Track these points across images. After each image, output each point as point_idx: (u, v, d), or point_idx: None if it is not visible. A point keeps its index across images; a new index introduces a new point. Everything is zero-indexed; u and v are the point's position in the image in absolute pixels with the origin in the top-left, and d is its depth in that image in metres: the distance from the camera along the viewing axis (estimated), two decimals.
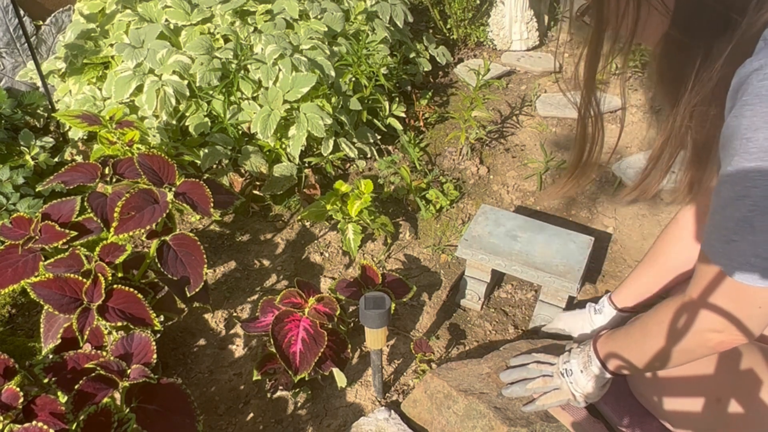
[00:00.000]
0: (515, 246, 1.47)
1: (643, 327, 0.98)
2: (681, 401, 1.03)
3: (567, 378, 1.12)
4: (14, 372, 1.00)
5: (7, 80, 2.14)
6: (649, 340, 0.95)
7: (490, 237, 1.50)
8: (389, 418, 1.28)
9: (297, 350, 1.22)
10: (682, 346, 0.89)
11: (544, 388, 1.15)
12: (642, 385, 1.12)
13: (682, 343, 0.89)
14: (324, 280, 1.71)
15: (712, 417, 1.00)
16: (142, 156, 1.27)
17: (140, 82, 1.83)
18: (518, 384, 1.19)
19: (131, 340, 1.10)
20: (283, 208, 1.93)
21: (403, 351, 1.50)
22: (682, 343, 0.89)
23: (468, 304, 1.60)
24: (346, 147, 2.00)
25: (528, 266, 1.42)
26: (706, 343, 0.85)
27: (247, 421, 1.35)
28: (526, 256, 1.44)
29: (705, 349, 0.87)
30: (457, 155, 2.12)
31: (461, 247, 1.49)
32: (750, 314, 0.80)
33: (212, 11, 2.00)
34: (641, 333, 0.99)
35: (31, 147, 1.84)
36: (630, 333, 1.02)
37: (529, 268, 1.41)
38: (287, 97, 1.84)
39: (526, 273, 1.42)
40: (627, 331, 1.04)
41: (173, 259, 1.22)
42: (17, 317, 1.58)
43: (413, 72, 2.41)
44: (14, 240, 1.22)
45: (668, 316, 0.91)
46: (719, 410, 0.98)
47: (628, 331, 1.03)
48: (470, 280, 1.55)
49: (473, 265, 1.52)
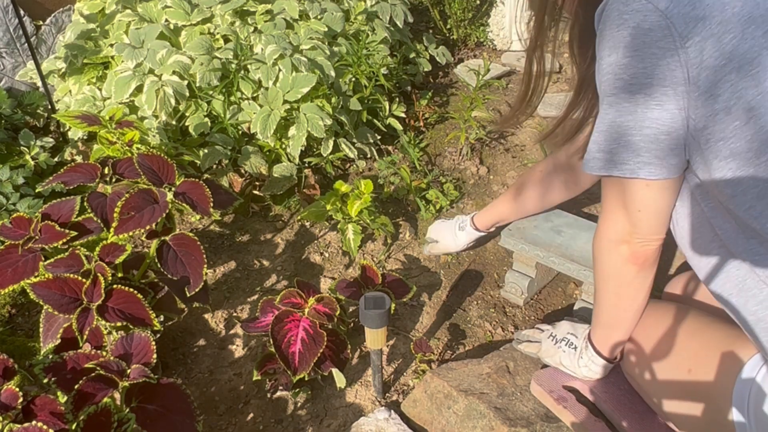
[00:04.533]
0: (557, 239, 1.48)
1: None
2: (682, 404, 1.03)
3: (558, 345, 1.22)
4: (14, 372, 1.00)
5: (7, 80, 2.14)
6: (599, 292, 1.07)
7: (535, 230, 1.53)
8: (389, 418, 1.28)
9: (296, 350, 1.22)
10: (608, 271, 1.02)
11: (532, 337, 1.31)
12: (645, 386, 1.12)
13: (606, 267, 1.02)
14: (324, 280, 1.71)
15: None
16: (141, 156, 1.27)
17: (140, 82, 1.83)
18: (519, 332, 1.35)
19: (131, 340, 1.10)
20: (283, 209, 1.93)
21: (403, 351, 1.49)
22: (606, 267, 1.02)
23: (510, 297, 1.61)
24: (346, 147, 2.00)
25: (566, 258, 1.42)
26: (621, 256, 0.97)
27: (247, 421, 1.35)
28: (565, 249, 1.45)
29: (622, 263, 0.98)
30: (457, 155, 2.12)
31: (504, 236, 1.53)
32: (635, 218, 0.93)
33: (212, 11, 2.00)
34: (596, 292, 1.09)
35: (31, 147, 1.84)
36: None
37: (567, 260, 1.42)
38: (287, 97, 1.84)
39: (563, 265, 1.43)
40: None
41: (173, 259, 1.22)
42: (17, 317, 1.58)
43: (413, 72, 2.41)
44: (14, 240, 1.22)
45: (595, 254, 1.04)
46: None
47: None
48: (514, 274, 1.57)
49: (519, 258, 1.54)
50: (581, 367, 1.17)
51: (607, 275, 1.03)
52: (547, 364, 1.26)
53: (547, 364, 1.26)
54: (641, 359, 1.08)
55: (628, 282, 1.01)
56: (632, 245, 0.96)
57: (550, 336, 1.25)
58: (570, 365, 1.19)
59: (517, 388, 1.25)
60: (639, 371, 1.09)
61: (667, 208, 0.94)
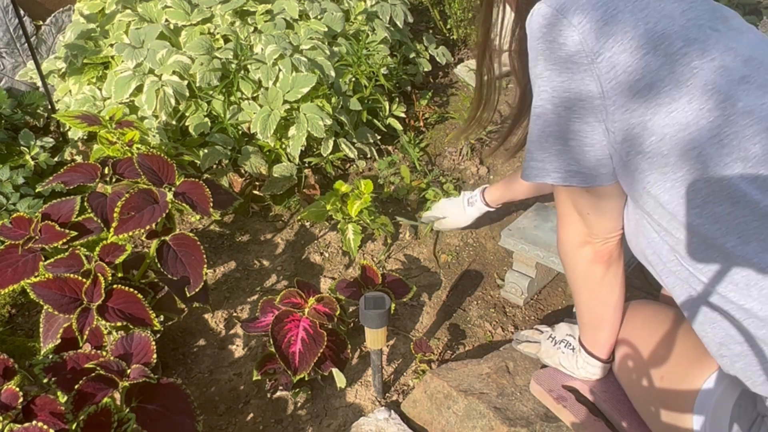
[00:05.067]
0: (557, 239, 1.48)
1: None
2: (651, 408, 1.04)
3: (558, 346, 1.22)
4: (14, 372, 1.00)
5: (7, 80, 2.14)
6: (575, 295, 1.09)
7: (535, 230, 1.53)
8: (389, 418, 1.28)
9: (296, 350, 1.22)
10: (577, 273, 1.03)
11: (531, 337, 1.30)
12: (627, 387, 1.13)
13: (574, 270, 1.03)
14: (324, 280, 1.71)
15: None
16: (141, 156, 1.27)
17: (140, 82, 1.83)
18: (519, 332, 1.35)
19: (131, 340, 1.10)
20: (283, 209, 1.93)
21: (403, 351, 1.49)
22: (574, 271, 1.04)
23: (510, 297, 1.61)
24: (346, 147, 2.00)
25: None
26: (585, 258, 0.99)
27: (247, 421, 1.35)
28: None
29: (588, 264, 1.00)
30: (457, 155, 2.12)
31: (503, 237, 1.53)
32: (587, 220, 0.95)
33: (212, 11, 2.00)
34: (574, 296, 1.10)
35: (31, 147, 1.84)
36: None
37: None
38: (287, 97, 1.84)
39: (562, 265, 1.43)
40: None
41: (173, 259, 1.22)
42: (17, 317, 1.58)
43: (413, 72, 2.41)
44: (14, 240, 1.22)
45: (563, 258, 1.05)
46: None
47: None
48: (514, 274, 1.57)
49: (519, 258, 1.55)
50: (579, 369, 1.17)
51: (577, 278, 1.04)
52: (547, 365, 1.26)
53: (546, 364, 1.26)
54: (624, 360, 1.09)
55: (598, 281, 1.02)
56: (593, 245, 0.98)
57: (549, 337, 1.25)
58: (569, 366, 1.19)
59: (516, 388, 1.25)
60: (622, 372, 1.11)
61: (614, 210, 0.94)
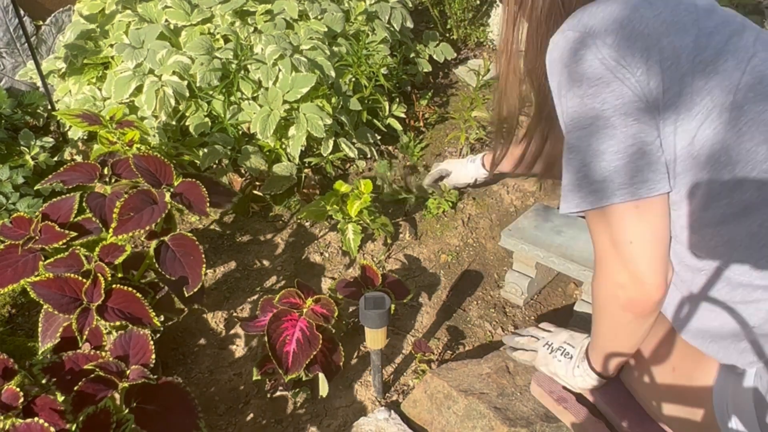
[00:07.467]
0: (557, 239, 1.48)
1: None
2: (679, 408, 1.03)
3: (554, 354, 1.17)
4: (14, 372, 1.00)
5: (7, 80, 2.14)
6: (595, 325, 1.01)
7: (535, 230, 1.52)
8: (389, 418, 1.28)
9: (290, 350, 1.22)
10: (604, 311, 0.95)
11: (527, 346, 1.24)
12: (641, 390, 1.12)
13: (602, 307, 0.95)
14: (324, 281, 1.71)
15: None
16: (137, 157, 1.27)
17: (140, 82, 1.83)
18: (513, 338, 1.29)
19: (129, 339, 1.09)
20: (283, 208, 1.93)
21: (403, 351, 1.49)
22: (601, 307, 0.95)
23: (510, 297, 1.61)
24: (346, 147, 2.00)
25: (566, 259, 1.42)
26: (617, 302, 0.89)
27: (247, 421, 1.35)
28: (565, 250, 1.45)
29: (618, 309, 0.90)
30: (458, 155, 2.12)
31: (504, 237, 1.52)
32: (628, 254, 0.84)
33: (212, 11, 2.00)
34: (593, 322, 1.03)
35: (31, 147, 1.84)
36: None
37: (567, 260, 1.42)
38: (287, 97, 1.84)
39: (563, 265, 1.43)
40: None
41: (171, 259, 1.22)
42: (17, 317, 1.58)
43: (413, 72, 2.41)
44: (14, 240, 1.22)
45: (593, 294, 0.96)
46: None
47: None
48: (514, 274, 1.57)
49: (519, 258, 1.54)
50: (576, 377, 1.13)
51: (602, 314, 0.97)
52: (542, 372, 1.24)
53: (541, 372, 1.24)
54: (635, 364, 1.07)
55: (623, 325, 0.94)
56: (628, 291, 0.87)
57: (546, 344, 1.21)
58: (564, 375, 1.15)
59: (516, 388, 1.25)
60: (631, 375, 1.09)
61: (662, 239, 0.85)
